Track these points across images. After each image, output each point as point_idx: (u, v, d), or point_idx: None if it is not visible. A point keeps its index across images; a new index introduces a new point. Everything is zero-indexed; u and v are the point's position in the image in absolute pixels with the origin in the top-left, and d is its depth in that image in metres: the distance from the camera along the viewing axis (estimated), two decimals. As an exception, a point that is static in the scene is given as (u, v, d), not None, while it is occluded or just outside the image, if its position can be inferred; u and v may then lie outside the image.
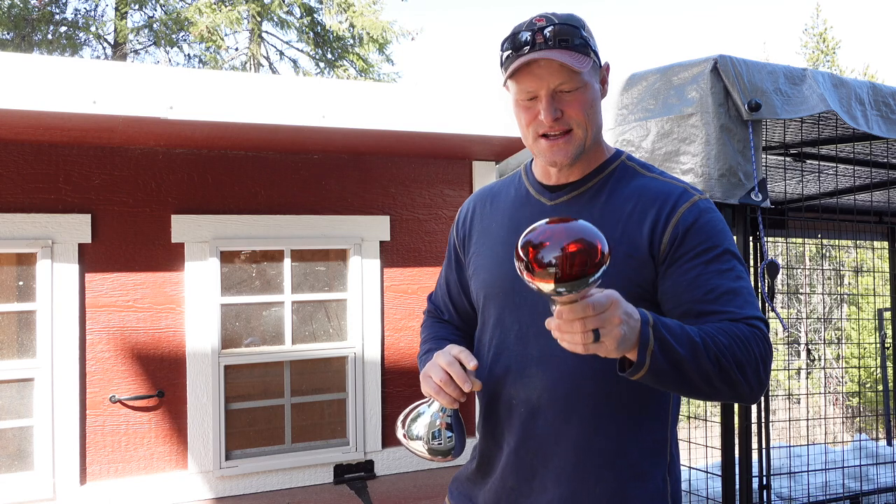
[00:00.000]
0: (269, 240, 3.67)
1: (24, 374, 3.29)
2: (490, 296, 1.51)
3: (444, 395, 1.37)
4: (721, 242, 1.36)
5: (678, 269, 1.34)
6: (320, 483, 3.68)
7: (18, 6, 13.69)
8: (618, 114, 2.87)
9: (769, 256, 2.87)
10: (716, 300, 1.29)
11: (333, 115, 3.13)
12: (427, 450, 1.38)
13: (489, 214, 1.59)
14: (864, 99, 2.79)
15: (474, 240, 1.59)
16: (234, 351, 3.62)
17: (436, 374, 1.38)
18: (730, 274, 1.32)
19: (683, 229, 1.35)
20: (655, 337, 1.15)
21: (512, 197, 1.57)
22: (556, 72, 1.37)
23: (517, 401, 1.44)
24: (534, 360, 1.42)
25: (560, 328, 1.08)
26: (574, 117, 1.40)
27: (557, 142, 1.41)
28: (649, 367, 1.15)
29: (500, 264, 1.50)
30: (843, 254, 17.28)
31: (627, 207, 1.42)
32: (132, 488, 3.39)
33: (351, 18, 15.74)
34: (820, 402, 13.51)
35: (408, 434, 1.40)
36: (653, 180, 1.46)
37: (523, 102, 1.43)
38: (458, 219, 1.68)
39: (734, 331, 1.24)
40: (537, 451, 1.42)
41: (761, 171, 2.60)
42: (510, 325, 1.47)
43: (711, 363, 1.20)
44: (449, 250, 1.70)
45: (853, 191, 4.37)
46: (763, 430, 4.38)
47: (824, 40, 25.84)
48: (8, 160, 3.29)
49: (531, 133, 1.44)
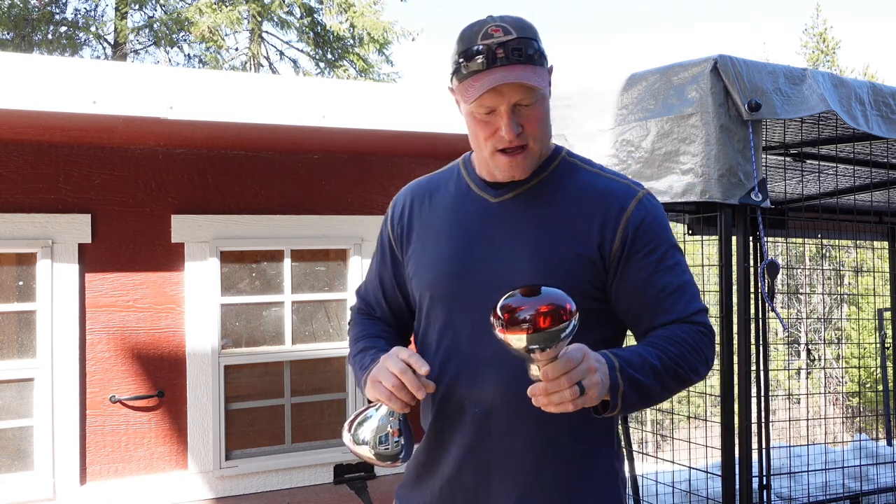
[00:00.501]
0: (269, 240, 3.67)
1: (24, 374, 3.29)
2: (437, 296, 1.47)
3: (396, 400, 1.33)
4: (667, 239, 1.44)
5: (631, 268, 1.40)
6: (320, 483, 3.68)
7: (18, 6, 13.69)
8: (617, 114, 2.87)
9: (769, 256, 2.87)
10: (667, 298, 1.39)
11: (333, 115, 3.13)
12: (374, 454, 1.35)
13: (429, 211, 1.55)
14: (864, 99, 2.78)
15: (414, 237, 1.55)
16: (234, 351, 3.62)
17: (387, 380, 1.34)
18: (676, 269, 1.42)
19: (633, 229, 1.41)
20: (623, 378, 1.25)
21: (452, 193, 1.54)
22: (518, 88, 1.36)
23: (470, 402, 1.42)
24: (487, 362, 1.40)
25: (547, 389, 1.15)
26: (532, 133, 1.40)
27: (516, 157, 1.40)
28: (621, 407, 1.27)
29: (446, 263, 1.47)
30: (843, 254, 17.28)
31: (574, 205, 1.44)
32: (132, 488, 3.39)
33: (351, 19, 15.74)
34: (820, 402, 13.51)
35: (354, 439, 1.36)
36: (596, 176, 1.49)
37: (481, 117, 1.40)
38: (393, 213, 1.61)
39: (683, 337, 1.36)
40: (493, 449, 1.42)
41: (761, 171, 2.59)
42: (461, 326, 1.44)
43: (672, 379, 1.34)
44: (382, 245, 1.63)
45: (853, 191, 4.36)
46: (763, 430, 4.38)
47: (824, 40, 25.85)
48: (8, 160, 3.29)
49: (489, 147, 1.42)
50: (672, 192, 2.67)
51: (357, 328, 1.64)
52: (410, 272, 1.54)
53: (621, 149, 2.84)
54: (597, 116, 2.95)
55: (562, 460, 1.43)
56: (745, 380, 2.68)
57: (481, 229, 1.47)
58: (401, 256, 1.58)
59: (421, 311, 1.52)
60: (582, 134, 3.03)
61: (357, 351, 1.56)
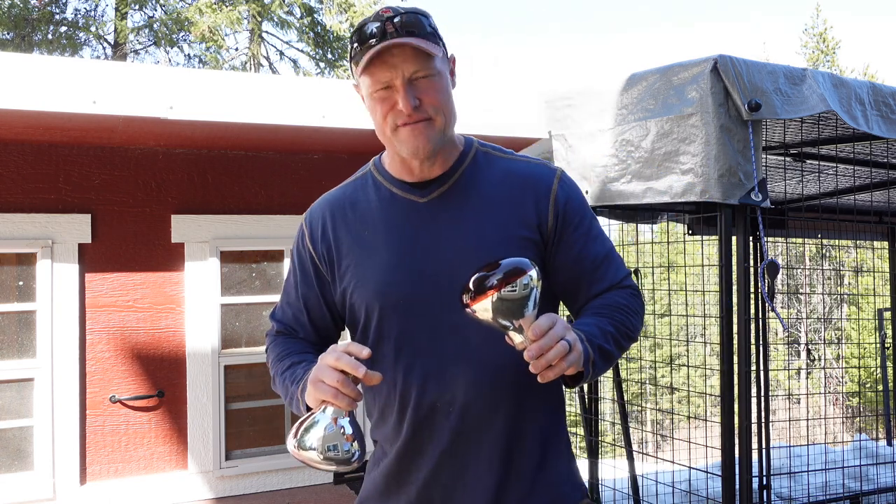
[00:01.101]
0: (269, 240, 3.67)
1: (24, 374, 3.29)
2: (388, 305, 1.43)
3: (341, 396, 1.24)
4: (589, 211, 1.53)
5: (566, 243, 1.47)
6: (320, 483, 3.68)
7: (18, 6, 13.70)
8: (617, 114, 2.87)
9: (769, 256, 2.87)
10: (599, 267, 1.49)
11: (333, 115, 3.13)
12: (324, 459, 1.25)
13: (354, 223, 1.50)
14: (864, 99, 2.78)
15: (344, 251, 1.49)
16: (234, 351, 3.62)
17: (329, 376, 1.24)
18: (600, 238, 1.52)
19: (563, 206, 1.47)
20: (592, 348, 1.31)
21: (374, 200, 1.50)
22: (410, 58, 1.35)
23: (442, 403, 1.41)
24: (453, 359, 1.41)
25: (541, 347, 1.17)
26: (432, 104, 1.38)
27: (418, 126, 1.38)
28: (592, 374, 1.32)
29: (390, 270, 1.44)
30: (843, 254, 17.28)
31: (503, 191, 1.46)
32: (132, 488, 3.39)
33: (351, 18, 15.74)
34: (820, 402, 13.52)
35: (301, 444, 1.25)
36: (513, 162, 1.53)
37: (378, 94, 1.39)
38: (312, 232, 1.55)
39: (622, 302, 1.47)
40: (468, 445, 1.43)
41: (761, 171, 2.59)
42: (420, 330, 1.42)
43: (624, 339, 1.43)
44: (303, 266, 1.55)
45: (853, 191, 4.36)
46: (763, 430, 4.38)
47: (824, 40, 25.85)
48: (8, 160, 3.29)
49: (390, 124, 1.40)
50: (672, 192, 2.67)
51: (280, 348, 1.56)
52: (349, 287, 1.47)
53: (621, 149, 2.84)
54: (597, 116, 2.95)
55: (535, 445, 1.46)
56: (745, 380, 2.68)
57: (418, 231, 1.45)
58: (328, 274, 1.52)
59: (368, 325, 1.46)
60: (582, 134, 3.03)
61: (285, 367, 1.48)
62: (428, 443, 1.44)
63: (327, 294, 1.53)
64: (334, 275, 1.51)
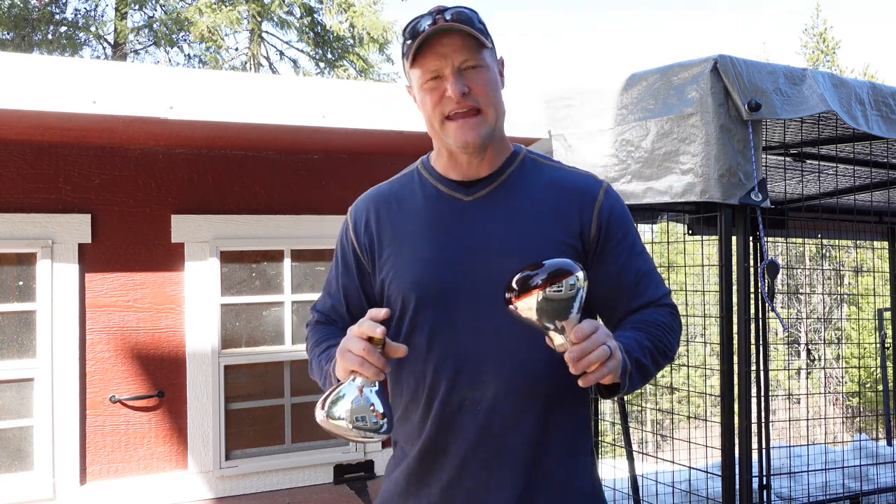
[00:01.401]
0: (269, 240, 3.67)
1: (24, 374, 3.29)
2: (423, 297, 1.43)
3: (367, 365, 1.25)
4: (633, 226, 1.53)
5: (608, 256, 1.47)
6: (320, 483, 3.68)
7: (18, 6, 13.69)
8: (617, 114, 2.87)
9: (769, 256, 2.87)
10: (640, 282, 1.48)
11: (333, 115, 3.13)
12: (353, 428, 1.26)
13: (398, 217, 1.51)
14: (864, 99, 2.78)
15: (386, 243, 1.50)
16: (234, 351, 3.62)
17: (355, 345, 1.26)
18: (644, 255, 1.52)
19: (606, 218, 1.47)
20: (630, 360, 1.30)
21: (420, 196, 1.51)
22: (459, 48, 1.37)
23: (470, 401, 1.40)
24: (487, 356, 1.39)
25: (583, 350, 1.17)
26: (481, 96, 1.39)
27: (468, 120, 1.39)
28: (628, 387, 1.31)
29: (430, 264, 1.44)
30: (843, 254, 17.28)
31: (549, 197, 1.46)
32: (132, 488, 3.39)
33: (351, 18, 15.75)
34: (820, 402, 13.51)
35: (329, 415, 1.27)
36: (560, 170, 1.53)
37: (427, 84, 1.40)
38: (356, 224, 1.56)
39: (661, 319, 1.46)
40: (495, 447, 1.40)
41: (761, 171, 2.59)
42: (453, 324, 1.41)
43: (661, 357, 1.42)
44: (344, 258, 1.57)
45: (853, 191, 4.37)
46: (763, 430, 4.38)
47: (824, 40, 25.84)
48: (8, 160, 3.29)
49: (437, 116, 1.41)
50: (672, 192, 2.67)
51: (318, 335, 1.59)
52: (388, 277, 1.48)
53: (621, 149, 2.84)
54: (596, 116, 2.95)
55: (563, 451, 1.44)
56: (745, 380, 2.68)
57: (460, 227, 1.46)
58: (369, 266, 1.53)
59: (403, 316, 1.46)
60: (582, 134, 3.03)
61: (321, 350, 1.51)
62: (452, 441, 1.42)
63: (367, 286, 1.56)
64: (374, 266, 1.53)
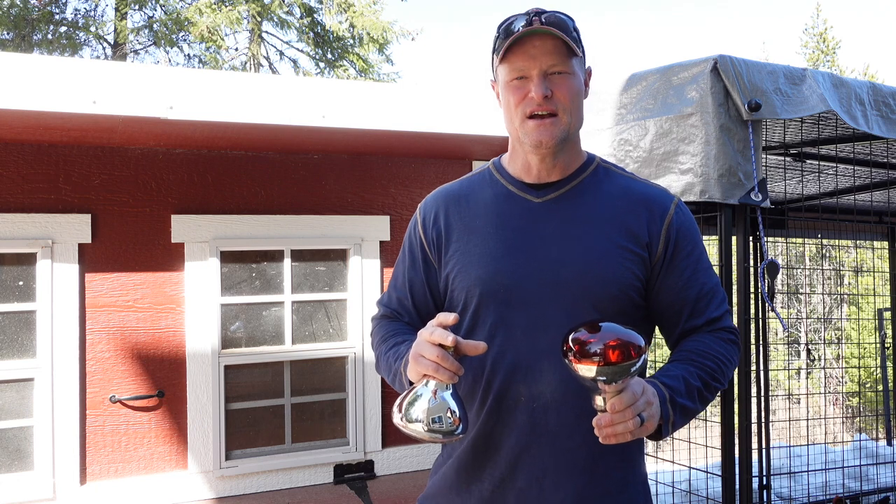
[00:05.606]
0: (269, 240, 3.67)
1: (24, 374, 3.29)
2: (487, 292, 1.45)
3: (441, 370, 1.26)
4: (701, 242, 1.53)
5: (675, 268, 1.47)
6: (320, 483, 3.68)
7: (18, 6, 13.69)
8: (616, 113, 2.87)
9: (769, 256, 2.87)
10: (703, 299, 1.48)
11: (333, 115, 3.13)
12: (429, 431, 1.28)
13: (467, 213, 1.53)
14: (864, 99, 2.78)
15: (454, 238, 1.52)
16: (234, 351, 3.62)
17: (428, 351, 1.27)
18: (709, 271, 1.51)
19: (675, 231, 1.47)
20: (674, 409, 1.33)
21: (490, 195, 1.53)
22: (550, 52, 1.39)
23: (526, 397, 1.40)
24: (543, 355, 1.39)
25: (613, 420, 1.20)
26: (562, 101, 1.41)
27: (544, 122, 1.41)
28: (670, 432, 1.35)
29: (496, 260, 1.46)
30: (843, 254, 17.27)
31: (618, 206, 1.47)
32: (132, 488, 3.39)
33: (351, 18, 15.74)
34: (820, 402, 13.51)
35: (407, 418, 1.29)
36: (633, 181, 1.54)
37: (513, 83, 1.42)
38: (424, 219, 1.58)
39: (718, 350, 1.45)
40: (549, 447, 1.40)
41: (761, 171, 2.59)
42: (515, 320, 1.42)
43: (710, 393, 1.42)
44: (412, 251, 1.60)
45: (853, 191, 4.37)
46: (763, 430, 4.38)
47: (824, 40, 25.84)
48: (8, 160, 3.29)
49: (519, 114, 1.43)
50: (671, 191, 2.67)
51: (384, 330, 1.60)
52: (453, 272, 1.51)
53: (619, 148, 2.84)
54: (595, 116, 2.95)
55: (616, 457, 1.44)
56: (745, 380, 2.68)
57: (528, 227, 1.47)
58: (436, 260, 1.56)
59: (466, 311, 1.48)
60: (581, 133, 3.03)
61: (389, 347, 1.52)
62: (506, 438, 1.42)
63: (432, 281, 1.57)
64: (441, 260, 1.55)
